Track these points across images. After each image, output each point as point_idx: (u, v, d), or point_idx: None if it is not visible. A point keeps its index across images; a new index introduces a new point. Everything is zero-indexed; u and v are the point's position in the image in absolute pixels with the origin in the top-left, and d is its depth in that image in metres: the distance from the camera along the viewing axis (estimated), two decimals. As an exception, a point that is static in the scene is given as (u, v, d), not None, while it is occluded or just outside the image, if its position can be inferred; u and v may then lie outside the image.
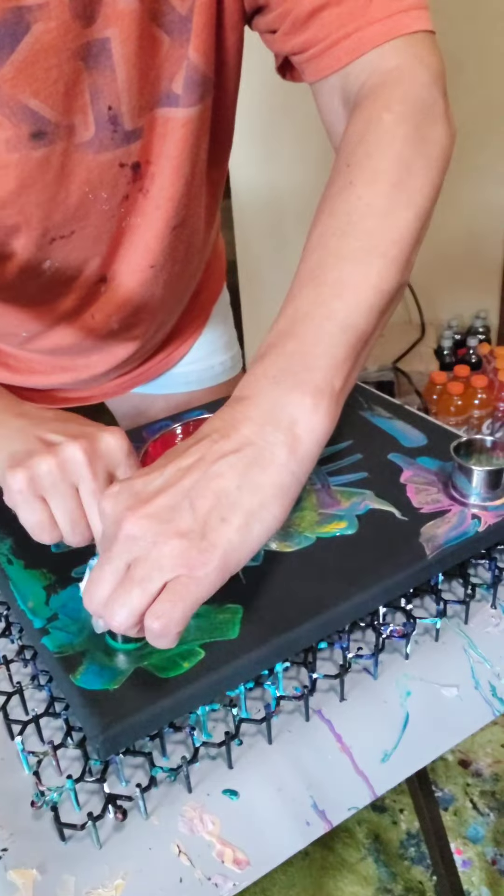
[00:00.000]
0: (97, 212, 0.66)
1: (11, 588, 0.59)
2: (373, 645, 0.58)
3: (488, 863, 1.27)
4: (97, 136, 0.61)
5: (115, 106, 0.60)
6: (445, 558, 0.60)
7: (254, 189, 2.23)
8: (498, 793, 1.38)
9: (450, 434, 0.75)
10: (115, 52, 0.57)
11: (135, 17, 0.57)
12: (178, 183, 0.68)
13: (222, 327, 0.97)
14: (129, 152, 0.63)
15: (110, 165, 0.63)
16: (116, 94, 0.60)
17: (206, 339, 0.93)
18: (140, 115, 0.62)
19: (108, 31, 0.57)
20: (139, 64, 0.59)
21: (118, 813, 0.49)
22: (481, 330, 2.38)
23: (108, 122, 0.61)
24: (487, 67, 2.14)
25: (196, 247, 0.78)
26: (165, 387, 0.93)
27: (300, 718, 0.55)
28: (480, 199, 2.31)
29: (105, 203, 0.65)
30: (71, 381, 0.84)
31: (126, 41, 0.57)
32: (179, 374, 0.93)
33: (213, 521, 0.45)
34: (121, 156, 0.63)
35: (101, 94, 0.59)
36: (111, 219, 0.67)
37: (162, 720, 0.50)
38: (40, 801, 0.50)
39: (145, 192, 0.67)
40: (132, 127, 0.62)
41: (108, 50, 0.57)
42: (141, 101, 0.61)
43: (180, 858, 0.47)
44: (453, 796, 1.38)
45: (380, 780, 0.51)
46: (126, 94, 0.60)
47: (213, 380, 0.96)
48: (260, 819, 0.49)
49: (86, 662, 0.52)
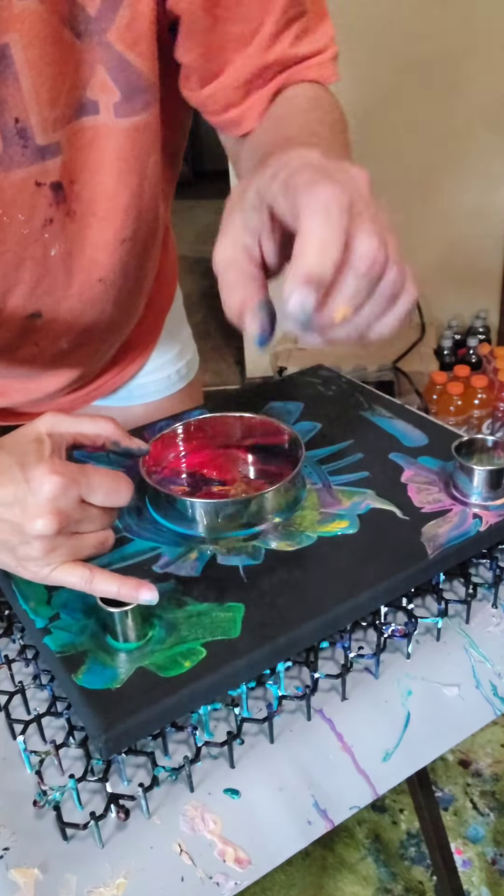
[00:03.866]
0: (15, 235, 0.61)
1: (13, 588, 0.59)
2: (374, 644, 0.58)
3: (488, 863, 1.27)
4: (6, 151, 0.56)
5: (23, 118, 0.55)
6: (447, 558, 0.60)
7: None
8: (498, 793, 1.38)
9: (450, 434, 0.75)
10: (17, 58, 0.53)
11: (36, 20, 0.52)
12: (123, 194, 0.64)
13: (177, 334, 0.94)
14: (46, 170, 0.59)
15: (24, 185, 0.58)
16: (23, 105, 0.55)
17: (160, 350, 0.91)
18: (55, 129, 0.57)
19: (6, 37, 0.52)
20: (47, 71, 0.54)
21: (120, 812, 0.49)
22: (481, 330, 2.38)
23: (17, 137, 0.56)
24: (487, 68, 2.14)
25: (151, 259, 0.75)
26: (123, 399, 0.91)
27: (302, 718, 0.55)
28: (480, 200, 2.32)
29: (23, 226, 0.60)
30: (24, 401, 0.82)
31: (29, 46, 0.53)
32: (136, 386, 0.91)
33: None
34: (35, 174, 0.58)
35: (6, 106, 0.55)
36: (33, 243, 0.62)
37: (164, 719, 0.50)
38: (42, 800, 0.50)
39: (72, 214, 0.62)
40: (45, 142, 0.57)
41: (8, 56, 0.53)
42: (54, 113, 0.57)
43: (182, 857, 0.47)
44: (453, 796, 1.38)
45: (381, 779, 0.51)
46: (35, 105, 0.55)
47: (170, 388, 0.93)
48: (261, 818, 0.49)
49: (88, 662, 0.52)
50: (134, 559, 0.60)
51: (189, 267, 3.73)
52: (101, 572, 0.52)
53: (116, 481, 0.53)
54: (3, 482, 0.50)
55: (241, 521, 0.62)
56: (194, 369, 0.98)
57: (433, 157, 2.20)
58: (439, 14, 2.03)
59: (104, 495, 0.52)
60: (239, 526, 0.62)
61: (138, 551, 0.61)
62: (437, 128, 2.18)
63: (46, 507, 0.49)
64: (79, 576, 0.52)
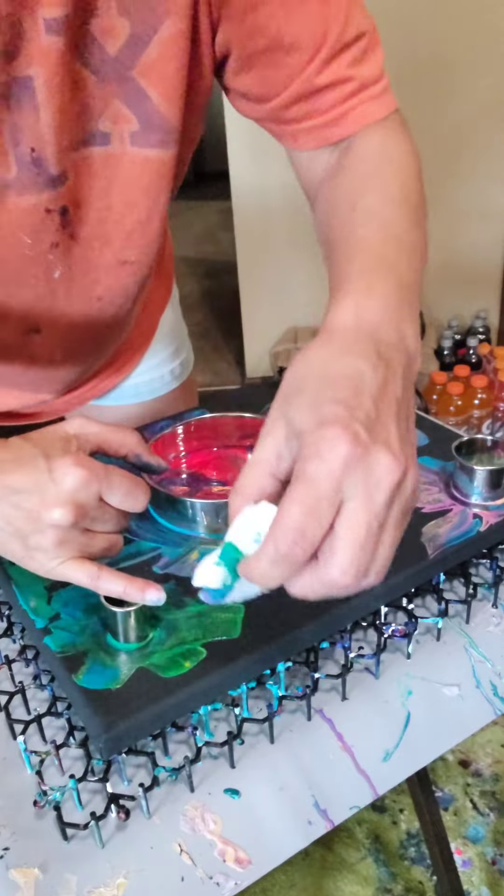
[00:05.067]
0: (19, 256, 0.62)
1: (13, 588, 0.59)
2: (374, 644, 0.58)
3: (488, 863, 1.27)
4: (18, 177, 0.57)
5: (39, 148, 0.57)
6: (447, 558, 0.60)
7: (254, 189, 2.23)
8: (498, 793, 1.38)
9: (451, 434, 0.75)
10: (39, 90, 0.54)
11: (59, 56, 0.54)
12: (129, 220, 0.64)
13: (171, 334, 0.93)
14: (56, 197, 0.60)
15: (34, 210, 0.60)
16: (40, 135, 0.56)
17: (154, 350, 0.91)
18: (68, 159, 0.59)
19: (31, 69, 0.53)
20: (66, 105, 0.56)
21: (121, 812, 0.49)
22: (481, 330, 2.38)
23: (31, 164, 0.57)
24: (488, 69, 2.14)
25: (150, 276, 0.75)
26: (116, 399, 0.91)
27: (302, 718, 0.55)
28: (481, 200, 2.32)
29: (29, 248, 0.61)
30: (18, 406, 0.83)
31: (50, 80, 0.54)
32: (129, 386, 0.91)
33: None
34: (46, 201, 0.60)
35: (23, 136, 0.56)
36: (37, 265, 0.63)
37: (164, 719, 0.50)
38: (43, 800, 0.50)
39: (76, 237, 0.63)
40: (58, 171, 0.59)
41: (30, 88, 0.54)
42: (70, 144, 0.58)
43: (182, 857, 0.47)
44: (453, 796, 1.38)
45: (381, 779, 0.51)
46: (51, 136, 0.57)
47: (164, 388, 0.93)
48: (262, 818, 0.49)
49: (88, 662, 0.52)
50: (134, 559, 0.60)
51: (189, 267, 3.73)
52: (108, 571, 0.52)
53: (136, 485, 0.53)
54: (26, 470, 0.50)
55: (242, 521, 0.62)
56: (189, 369, 0.98)
57: (433, 157, 2.20)
58: (440, 14, 2.03)
59: (122, 497, 0.52)
60: (239, 526, 0.62)
61: (139, 552, 0.61)
62: (437, 128, 2.19)
63: (65, 498, 0.49)
64: (86, 572, 0.52)
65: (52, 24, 0.52)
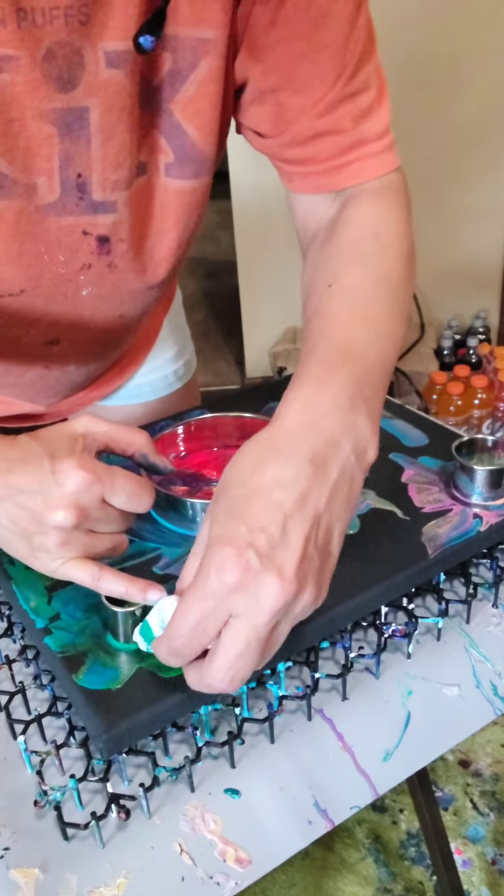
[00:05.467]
0: (51, 273, 0.63)
1: (14, 588, 0.59)
2: (375, 644, 0.58)
3: (488, 863, 1.27)
4: (61, 200, 0.59)
5: (86, 175, 0.58)
6: (447, 558, 0.60)
7: (254, 189, 2.23)
8: (498, 793, 1.38)
9: (451, 434, 0.75)
10: (93, 122, 0.56)
11: (117, 89, 0.55)
12: (163, 250, 0.65)
13: (175, 335, 0.94)
14: (96, 223, 0.61)
15: (71, 230, 0.60)
16: (88, 164, 0.58)
17: (158, 351, 0.92)
18: (113, 189, 0.60)
19: (87, 101, 0.55)
20: (116, 137, 0.57)
21: (121, 812, 0.49)
22: (481, 330, 2.38)
23: (76, 189, 0.58)
24: (487, 69, 2.14)
25: (168, 297, 0.76)
26: (121, 399, 0.91)
27: (302, 718, 0.55)
28: (481, 200, 2.31)
29: (61, 266, 0.62)
30: (28, 410, 0.83)
31: (105, 113, 0.56)
32: (133, 386, 0.91)
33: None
34: (84, 224, 0.61)
35: (73, 162, 0.57)
36: (67, 283, 0.64)
37: (164, 719, 0.50)
38: (43, 800, 0.50)
39: (113, 267, 0.64)
40: (101, 199, 0.60)
41: (85, 119, 0.55)
42: (115, 175, 0.59)
43: (182, 857, 0.47)
44: (453, 796, 1.38)
45: (381, 778, 0.51)
46: (99, 165, 0.58)
47: (168, 389, 0.94)
48: (262, 818, 0.49)
49: (88, 662, 0.52)
50: (134, 560, 0.60)
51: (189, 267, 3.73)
52: (110, 571, 0.52)
53: (141, 487, 0.53)
54: (31, 470, 0.50)
55: (242, 521, 0.62)
56: (192, 370, 0.98)
57: (433, 157, 2.20)
58: (440, 15, 2.03)
59: (126, 499, 0.52)
60: (239, 526, 0.62)
61: (139, 552, 0.61)
62: (437, 128, 2.19)
63: (67, 500, 0.50)
64: (88, 572, 0.52)
65: (114, 57, 0.54)
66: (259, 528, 0.44)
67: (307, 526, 0.45)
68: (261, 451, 0.47)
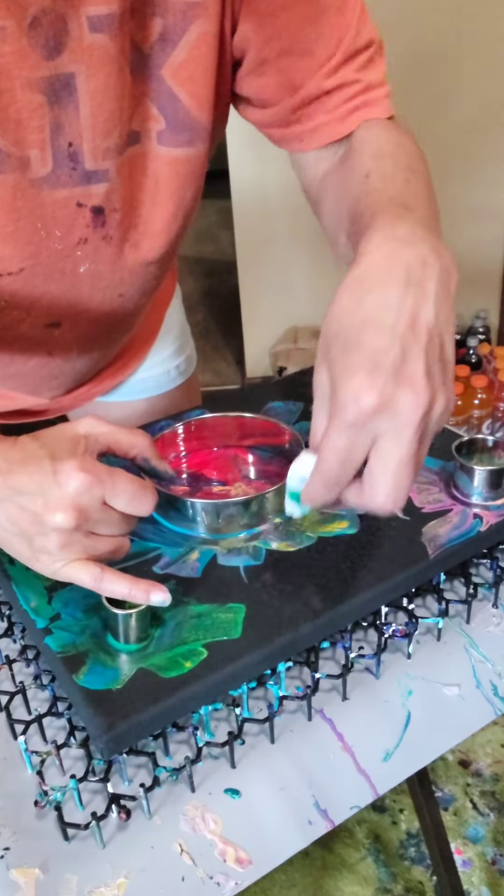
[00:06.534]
0: (49, 249, 0.62)
1: (14, 588, 0.59)
2: (375, 644, 0.58)
3: (488, 863, 1.27)
4: (54, 171, 0.58)
5: (77, 143, 0.58)
6: (447, 558, 0.60)
7: (253, 188, 2.23)
8: (498, 793, 1.38)
9: (450, 434, 0.75)
10: (80, 87, 0.55)
11: (102, 54, 0.55)
12: (158, 222, 0.65)
13: (176, 330, 0.94)
14: (89, 193, 0.61)
15: (66, 203, 0.60)
16: (79, 132, 0.57)
17: (159, 346, 0.92)
18: (104, 157, 0.59)
19: (73, 66, 0.54)
20: (105, 103, 0.57)
21: (122, 812, 0.49)
22: (481, 330, 2.38)
23: (68, 159, 0.58)
24: (487, 69, 2.14)
25: (167, 278, 0.76)
26: (123, 395, 0.91)
27: (302, 718, 0.55)
28: (480, 201, 2.31)
29: (58, 242, 0.62)
30: (31, 404, 0.83)
31: (92, 77, 0.55)
32: (135, 381, 0.91)
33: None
34: (79, 195, 0.60)
35: (63, 131, 0.57)
36: (65, 259, 0.64)
37: (165, 720, 0.50)
38: (43, 800, 0.50)
39: (108, 239, 0.64)
40: (93, 167, 0.59)
41: (72, 85, 0.55)
42: (106, 142, 0.59)
43: (183, 857, 0.47)
44: (453, 796, 1.38)
45: (381, 778, 0.51)
46: (89, 132, 0.57)
47: (169, 384, 0.94)
48: (262, 818, 0.49)
49: (89, 662, 0.52)
50: (134, 560, 0.60)
51: (189, 267, 3.73)
52: (112, 572, 0.52)
53: (142, 490, 0.53)
54: (31, 471, 0.50)
55: (242, 521, 0.62)
56: (192, 366, 0.98)
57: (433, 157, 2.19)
58: (440, 15, 2.03)
59: (127, 501, 0.52)
60: (239, 526, 0.62)
61: (139, 552, 0.61)
62: (436, 128, 2.18)
63: (68, 502, 0.50)
64: (89, 574, 0.52)
65: (96, 22, 0.54)
66: (381, 352, 0.44)
67: (423, 340, 0.45)
68: (356, 288, 0.47)
